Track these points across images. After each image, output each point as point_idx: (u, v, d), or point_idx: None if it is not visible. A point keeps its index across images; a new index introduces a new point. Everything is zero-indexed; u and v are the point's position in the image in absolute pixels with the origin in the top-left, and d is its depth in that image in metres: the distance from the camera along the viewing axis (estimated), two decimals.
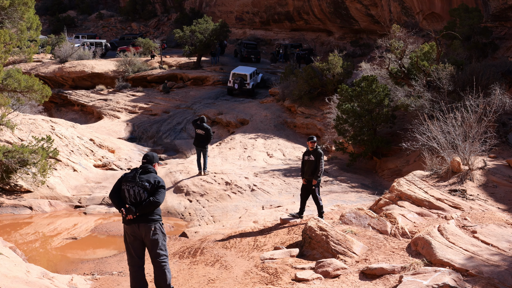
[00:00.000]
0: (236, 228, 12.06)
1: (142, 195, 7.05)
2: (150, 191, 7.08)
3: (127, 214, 6.99)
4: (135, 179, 7.12)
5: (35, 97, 15.36)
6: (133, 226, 7.09)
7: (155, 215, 7.13)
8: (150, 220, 7.07)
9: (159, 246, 7.14)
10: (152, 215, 7.09)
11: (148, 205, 7.00)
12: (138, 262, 7.28)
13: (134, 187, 7.09)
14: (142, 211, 7.00)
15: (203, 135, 16.24)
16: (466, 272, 6.74)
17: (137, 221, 7.04)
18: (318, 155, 11.13)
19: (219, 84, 36.37)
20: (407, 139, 15.43)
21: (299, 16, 46.10)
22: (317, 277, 7.50)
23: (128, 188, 7.12)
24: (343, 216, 9.76)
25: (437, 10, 31.85)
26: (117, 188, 7.27)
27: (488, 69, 19.07)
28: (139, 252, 7.26)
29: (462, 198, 10.17)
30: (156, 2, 62.15)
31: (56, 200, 15.40)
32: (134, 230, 7.11)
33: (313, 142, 11.26)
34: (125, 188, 7.15)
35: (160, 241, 7.14)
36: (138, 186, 7.08)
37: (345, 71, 28.07)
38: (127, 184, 7.15)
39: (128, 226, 7.14)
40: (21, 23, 14.46)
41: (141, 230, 7.08)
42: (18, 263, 8.23)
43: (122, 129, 29.93)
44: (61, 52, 39.09)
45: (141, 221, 7.04)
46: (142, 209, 6.99)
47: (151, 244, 7.13)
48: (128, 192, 7.11)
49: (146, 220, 7.05)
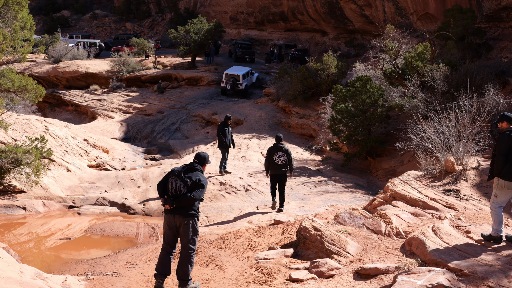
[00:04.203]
0: (230, 228, 12.05)
1: (182, 189, 7.52)
2: (190, 187, 7.52)
3: (165, 203, 7.52)
4: (180, 174, 7.61)
5: (29, 97, 15.30)
6: (169, 216, 7.60)
7: (192, 210, 7.58)
8: (186, 214, 7.53)
9: (189, 239, 7.59)
10: (189, 210, 7.55)
11: (184, 198, 7.46)
12: (169, 249, 7.77)
13: (177, 181, 7.57)
14: (178, 204, 7.48)
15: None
16: (460, 271, 6.75)
17: (174, 212, 7.53)
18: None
19: (214, 84, 36.36)
20: (401, 139, 15.47)
21: (293, 16, 46.12)
22: (312, 277, 7.50)
23: (172, 181, 7.63)
24: (337, 216, 9.76)
25: (431, 11, 31.94)
26: (164, 180, 7.79)
27: (482, 69, 19.15)
28: (171, 240, 7.75)
29: (456, 198, 10.20)
30: (151, 2, 62.07)
31: (50, 200, 15.34)
32: (170, 220, 7.62)
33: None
34: (170, 180, 7.66)
35: (190, 235, 7.58)
36: (180, 181, 7.55)
37: (340, 71, 28.12)
38: (173, 177, 7.65)
39: (166, 215, 7.68)
40: (14, 22, 14.39)
41: (176, 221, 7.56)
42: (12, 264, 8.19)
43: (116, 129, 29.85)
44: (55, 52, 38.98)
45: (177, 212, 7.52)
46: (178, 202, 7.47)
47: (183, 236, 7.62)
48: (171, 184, 7.62)
49: (182, 213, 7.52)
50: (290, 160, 12.95)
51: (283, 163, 12.85)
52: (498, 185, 7.39)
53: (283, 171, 12.92)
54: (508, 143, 7.27)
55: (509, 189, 7.33)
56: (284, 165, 12.87)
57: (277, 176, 12.99)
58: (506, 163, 7.28)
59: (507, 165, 7.27)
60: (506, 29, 26.59)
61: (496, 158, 7.39)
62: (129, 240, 12.57)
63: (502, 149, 7.29)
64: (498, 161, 7.35)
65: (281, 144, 13.01)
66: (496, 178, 7.42)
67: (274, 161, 12.83)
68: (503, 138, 7.35)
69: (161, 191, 7.72)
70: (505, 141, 7.30)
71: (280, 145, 12.97)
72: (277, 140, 13.05)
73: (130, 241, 12.49)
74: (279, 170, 12.87)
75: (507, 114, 7.53)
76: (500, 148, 7.34)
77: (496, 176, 7.42)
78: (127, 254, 11.01)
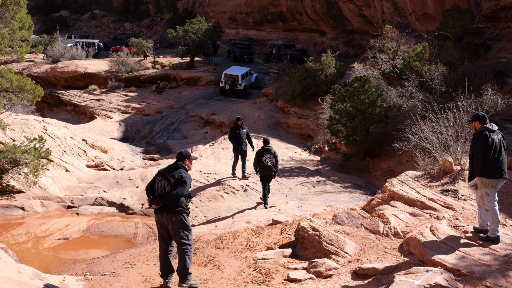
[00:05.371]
0: (229, 228, 12.05)
1: (166, 188, 7.76)
2: (174, 184, 7.74)
3: (151, 203, 7.79)
4: (164, 173, 7.86)
5: (27, 97, 15.29)
6: (158, 215, 7.85)
7: (179, 207, 7.77)
8: (173, 211, 7.74)
9: (180, 235, 7.77)
10: (176, 207, 7.74)
11: (167, 196, 7.67)
12: (165, 247, 7.98)
13: (162, 181, 7.84)
14: (163, 202, 7.69)
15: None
16: (458, 271, 6.76)
17: (161, 211, 7.77)
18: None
19: (212, 85, 36.33)
20: (399, 139, 15.48)
21: (292, 16, 46.13)
22: (310, 277, 7.51)
23: (158, 181, 7.90)
24: (335, 216, 9.76)
25: (430, 11, 31.97)
26: (152, 181, 8.05)
27: (480, 69, 19.18)
28: (166, 239, 7.96)
29: (454, 198, 10.21)
30: (149, 2, 62.05)
31: (48, 200, 15.33)
32: (159, 218, 7.86)
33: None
34: (156, 181, 7.93)
35: (181, 231, 7.77)
36: (164, 180, 7.80)
37: (338, 71, 28.11)
38: (158, 177, 7.91)
39: (155, 214, 7.93)
40: (13, 22, 14.38)
41: (165, 219, 7.79)
42: (10, 264, 8.19)
43: (115, 129, 29.83)
44: (53, 52, 38.93)
45: (164, 211, 7.75)
46: (163, 201, 7.69)
47: (173, 233, 7.82)
48: (157, 185, 7.88)
49: (169, 211, 7.73)
50: (276, 162, 14.00)
51: (272, 164, 13.86)
52: (483, 184, 7.53)
53: (272, 171, 13.95)
54: (484, 143, 7.41)
55: (493, 186, 7.49)
56: (273, 166, 13.90)
57: (267, 176, 13.98)
58: (485, 162, 7.43)
59: (486, 164, 7.43)
60: (504, 29, 26.64)
61: (475, 159, 7.54)
62: (128, 240, 12.57)
63: (479, 149, 7.45)
64: (477, 161, 7.50)
65: (269, 146, 14.06)
66: (479, 178, 7.56)
67: (263, 162, 13.82)
68: (478, 138, 7.50)
69: (148, 192, 7.97)
70: (481, 141, 7.45)
71: (268, 147, 13.99)
72: (264, 143, 14.09)
73: (128, 241, 12.49)
74: (269, 170, 13.89)
75: (479, 114, 7.70)
76: (476, 148, 7.49)
77: (478, 176, 7.57)
78: (126, 254, 11.01)
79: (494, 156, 7.41)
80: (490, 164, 7.40)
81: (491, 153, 7.40)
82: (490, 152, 7.40)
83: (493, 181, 7.44)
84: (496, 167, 7.41)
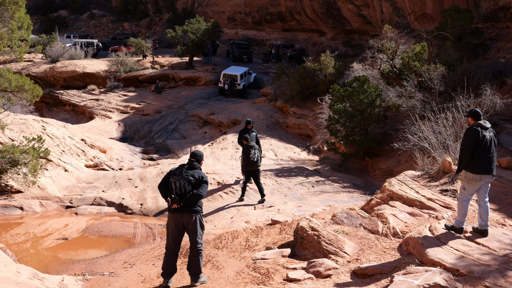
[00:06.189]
0: (228, 228, 12.05)
1: (186, 187, 7.80)
2: (194, 184, 7.81)
3: (172, 203, 7.76)
4: (182, 173, 7.87)
5: (26, 96, 15.26)
6: (176, 215, 7.87)
7: (197, 207, 7.91)
8: (192, 211, 7.84)
9: (197, 235, 7.91)
10: (194, 206, 7.86)
11: (191, 197, 7.74)
12: (173, 248, 8.03)
13: (180, 180, 7.83)
14: (185, 202, 7.76)
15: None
16: (457, 271, 6.76)
17: (181, 210, 7.81)
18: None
19: (211, 84, 36.33)
20: (398, 139, 15.48)
21: (291, 16, 46.14)
22: (309, 277, 7.50)
23: (175, 181, 7.86)
24: (334, 216, 9.76)
25: (429, 11, 31.98)
26: (165, 181, 8.02)
27: (479, 69, 19.18)
28: (177, 240, 8.02)
29: (453, 198, 10.20)
30: (148, 2, 62.04)
31: (47, 200, 15.31)
32: (177, 218, 7.88)
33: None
34: (172, 180, 7.89)
35: (198, 230, 7.92)
36: (184, 180, 7.82)
37: (337, 71, 28.11)
38: (174, 177, 7.90)
39: (172, 214, 7.93)
40: (11, 22, 14.36)
41: (184, 219, 7.85)
42: (8, 264, 8.18)
43: (113, 129, 29.81)
44: (52, 51, 38.90)
45: (184, 210, 7.82)
46: (186, 200, 7.75)
47: (191, 232, 7.91)
48: (175, 184, 7.85)
49: (189, 210, 7.82)
50: (260, 151, 14.99)
51: (258, 159, 14.47)
52: (466, 178, 7.72)
53: (258, 166, 14.53)
54: (474, 138, 7.58)
55: (476, 181, 7.66)
56: (259, 161, 14.52)
57: (253, 171, 14.46)
58: (473, 157, 7.60)
59: (473, 159, 7.60)
60: (503, 29, 26.66)
61: (464, 153, 7.72)
62: (127, 240, 12.55)
63: (469, 144, 7.60)
64: (465, 155, 7.68)
65: (252, 143, 14.60)
66: (464, 171, 7.74)
67: (250, 158, 14.29)
68: (469, 133, 7.66)
69: (164, 192, 7.94)
70: (471, 136, 7.60)
71: (251, 144, 14.55)
72: (246, 141, 14.67)
73: (127, 241, 12.47)
74: (255, 166, 14.41)
75: (473, 110, 7.90)
76: (466, 142, 7.66)
77: (464, 169, 7.75)
78: (125, 254, 10.99)
79: (483, 152, 7.57)
80: (477, 159, 7.57)
81: (480, 149, 7.56)
82: (480, 148, 7.56)
83: (477, 176, 7.61)
84: (482, 163, 7.57)
